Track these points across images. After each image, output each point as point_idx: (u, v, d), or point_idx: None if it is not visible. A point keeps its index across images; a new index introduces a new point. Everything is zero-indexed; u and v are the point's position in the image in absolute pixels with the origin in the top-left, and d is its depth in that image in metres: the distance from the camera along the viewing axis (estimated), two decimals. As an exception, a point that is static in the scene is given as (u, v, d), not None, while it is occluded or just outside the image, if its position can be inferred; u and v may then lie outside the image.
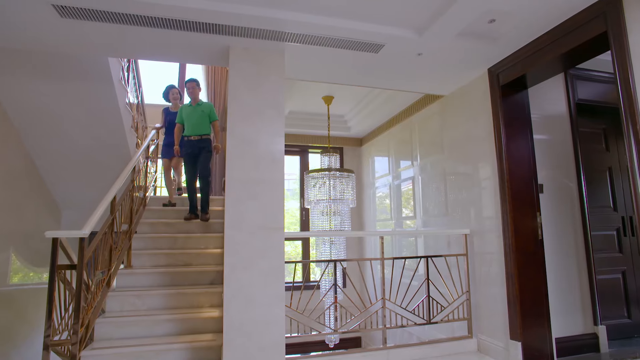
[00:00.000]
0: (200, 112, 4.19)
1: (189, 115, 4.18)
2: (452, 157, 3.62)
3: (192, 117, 4.16)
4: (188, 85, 4.18)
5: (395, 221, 4.85)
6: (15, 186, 3.54)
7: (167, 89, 4.72)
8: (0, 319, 3.34)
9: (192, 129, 4.14)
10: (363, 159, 5.86)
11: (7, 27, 2.40)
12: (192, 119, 4.16)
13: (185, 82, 4.19)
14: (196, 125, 4.14)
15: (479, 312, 3.17)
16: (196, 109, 4.19)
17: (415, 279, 3.26)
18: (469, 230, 3.26)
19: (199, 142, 4.14)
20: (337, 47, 2.70)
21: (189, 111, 4.19)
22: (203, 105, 4.24)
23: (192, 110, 4.18)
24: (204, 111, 4.20)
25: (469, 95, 3.38)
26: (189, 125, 4.17)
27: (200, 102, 4.25)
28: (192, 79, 4.24)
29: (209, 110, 4.23)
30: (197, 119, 4.16)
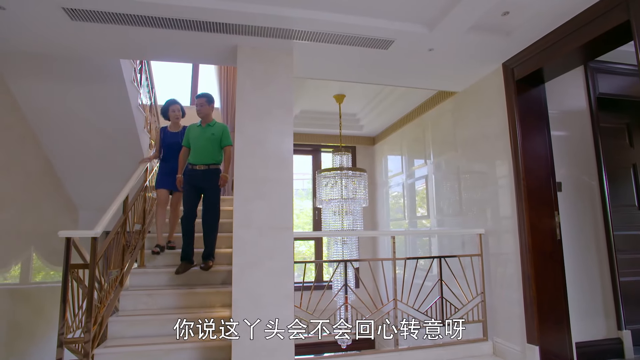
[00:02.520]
0: (210, 136, 3.40)
1: (196, 138, 3.42)
2: (466, 156, 3.53)
3: (199, 141, 3.40)
4: (197, 102, 3.45)
5: (408, 221, 4.77)
6: (34, 187, 3.64)
7: (167, 105, 3.82)
8: (21, 315, 3.44)
9: (197, 156, 3.38)
10: (376, 157, 5.79)
11: (19, 31, 2.46)
12: (199, 143, 3.39)
13: (196, 97, 3.53)
14: (203, 150, 3.38)
15: (494, 314, 3.08)
16: (205, 130, 3.43)
17: (428, 280, 3.19)
18: (483, 230, 3.17)
19: (206, 173, 3.37)
20: (345, 44, 2.66)
21: (196, 133, 3.45)
22: (215, 127, 3.46)
23: (201, 132, 3.43)
24: (215, 134, 3.42)
25: (482, 91, 3.29)
26: (195, 151, 3.41)
27: (212, 123, 3.49)
28: (202, 94, 3.50)
29: (221, 133, 3.44)
30: (205, 144, 3.39)
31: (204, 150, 3.39)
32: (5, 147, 3.20)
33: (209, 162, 3.40)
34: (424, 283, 3.12)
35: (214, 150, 3.43)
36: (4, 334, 3.23)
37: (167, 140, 3.75)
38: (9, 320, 3.30)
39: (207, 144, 3.40)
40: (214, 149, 3.43)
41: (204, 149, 3.39)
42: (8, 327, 3.27)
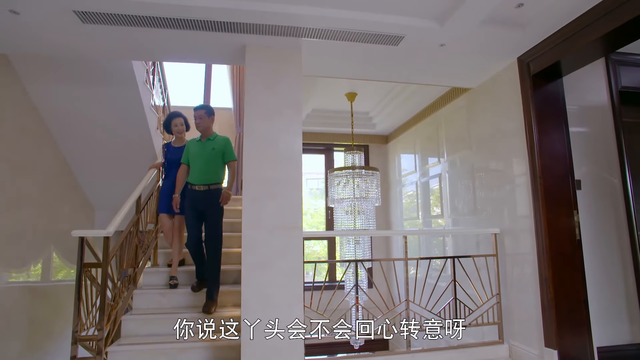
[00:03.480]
0: (210, 151, 3.10)
1: (196, 155, 3.14)
2: (480, 153, 3.44)
3: (198, 158, 3.11)
4: (195, 114, 3.16)
5: (423, 220, 4.69)
6: (52, 187, 3.73)
7: (169, 118, 3.54)
8: (40, 313, 3.54)
9: (197, 175, 3.09)
10: (389, 156, 5.72)
11: (32, 35, 2.51)
12: (199, 161, 3.11)
13: (194, 109, 3.21)
14: (203, 169, 3.09)
15: (510, 316, 2.99)
16: (205, 146, 3.13)
17: (442, 280, 3.12)
18: (498, 229, 3.08)
19: (206, 195, 3.07)
20: (354, 41, 2.62)
21: (196, 149, 3.17)
22: (215, 141, 3.15)
23: (200, 148, 3.14)
24: (216, 149, 3.12)
25: (497, 87, 3.19)
26: (195, 169, 3.12)
27: (213, 137, 3.18)
28: (201, 106, 3.19)
29: (223, 147, 3.15)
30: (205, 161, 3.10)
31: (204, 168, 3.10)
32: (23, 149, 3.29)
33: (210, 181, 3.10)
34: (437, 284, 3.06)
35: (215, 168, 3.14)
36: (24, 330, 3.32)
37: (171, 156, 3.46)
38: (29, 317, 3.39)
39: (208, 161, 3.11)
40: (215, 166, 3.14)
41: (204, 167, 3.10)
42: (28, 323, 3.37)
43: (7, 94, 3.12)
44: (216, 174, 3.15)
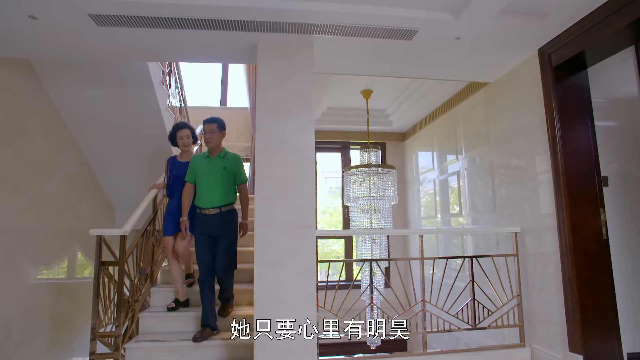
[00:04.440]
0: (221, 170, 2.83)
1: (204, 173, 2.83)
2: (499, 150, 3.33)
3: (208, 178, 2.82)
4: (205, 128, 2.86)
5: (441, 219, 4.59)
6: (74, 188, 3.85)
7: (174, 130, 3.17)
8: (64, 309, 3.66)
9: (206, 197, 2.79)
10: (406, 154, 5.63)
11: (49, 40, 2.59)
12: (208, 180, 2.81)
13: (204, 122, 2.91)
14: (214, 189, 2.79)
15: (532, 318, 2.88)
16: (215, 163, 2.85)
17: (460, 281, 3.03)
18: (519, 228, 2.97)
19: (220, 218, 2.79)
20: (366, 36, 2.57)
21: (204, 167, 2.84)
22: (226, 159, 2.88)
23: (209, 165, 2.84)
24: (228, 168, 2.84)
25: (517, 80, 3.07)
26: (203, 190, 2.80)
27: (223, 154, 2.89)
28: (212, 119, 2.88)
29: (234, 166, 2.87)
30: (216, 181, 2.81)
31: (216, 189, 2.79)
32: (46, 151, 3.41)
33: (222, 203, 2.79)
34: (455, 284, 2.97)
35: (226, 188, 2.83)
36: (48, 325, 3.44)
37: (177, 172, 3.08)
38: (53, 312, 3.51)
39: (219, 181, 2.81)
40: (227, 186, 2.83)
41: (216, 188, 2.79)
42: (52, 318, 3.48)
43: (31, 98, 3.23)
44: (228, 194, 2.85)
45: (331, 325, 2.71)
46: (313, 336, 2.49)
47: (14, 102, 3.05)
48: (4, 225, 2.98)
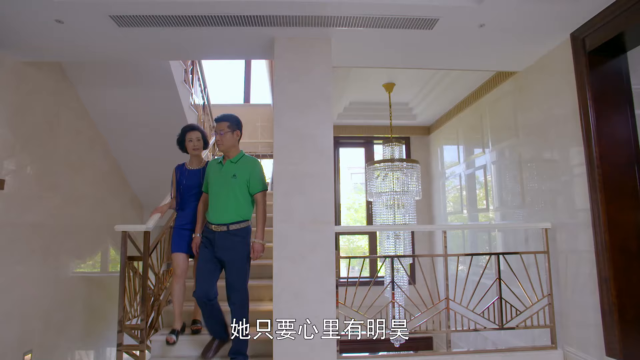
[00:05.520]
0: (230, 178, 2.41)
1: (214, 182, 2.49)
2: (529, 142, 3.16)
3: (216, 187, 2.45)
4: (216, 128, 2.51)
5: (468, 214, 4.44)
6: (104, 186, 4.00)
7: (183, 133, 2.82)
8: (98, 301, 3.82)
9: (214, 210, 2.42)
10: (431, 148, 5.48)
11: (73, 42, 2.68)
12: (217, 191, 2.44)
13: (215, 120, 2.56)
14: (221, 202, 2.41)
15: (565, 319, 2.73)
16: (225, 170, 2.45)
17: (486, 278, 2.92)
18: (549, 224, 2.81)
19: (225, 238, 2.39)
20: (385, 27, 2.50)
21: (214, 174, 2.51)
22: (239, 164, 2.47)
23: (219, 172, 2.47)
24: (238, 176, 2.42)
25: (547, 68, 2.90)
26: (212, 202, 2.47)
27: (236, 158, 2.49)
28: (223, 117, 2.50)
29: (247, 173, 2.45)
30: (224, 191, 2.41)
31: (224, 201, 2.39)
32: (77, 150, 3.55)
33: (230, 219, 2.38)
34: (481, 282, 2.86)
35: (238, 201, 2.40)
36: (82, 316, 3.61)
37: (186, 181, 2.75)
38: (88, 304, 3.68)
39: (227, 192, 2.39)
40: (237, 198, 2.41)
41: (223, 200, 2.40)
42: (86, 309, 3.65)
43: (62, 99, 3.37)
44: (239, 209, 2.41)
45: (352, 322, 2.69)
46: (333, 333, 2.47)
47: (47, 104, 3.20)
48: (42, 221, 3.14)
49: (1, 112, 2.72)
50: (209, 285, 2.43)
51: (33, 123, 3.04)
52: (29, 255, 3.00)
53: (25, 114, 2.94)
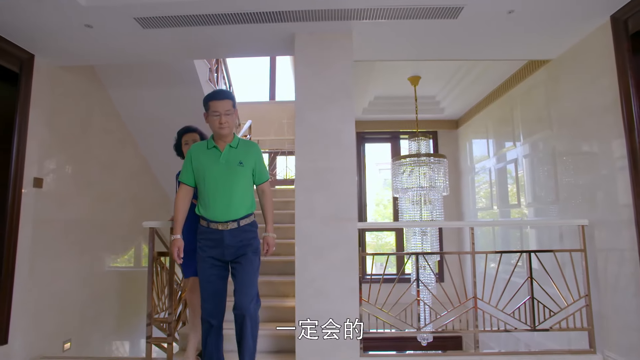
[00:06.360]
0: (237, 166, 2.06)
1: (212, 171, 2.05)
2: (563, 134, 2.99)
3: (218, 177, 2.04)
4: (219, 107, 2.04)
5: (499, 210, 4.27)
6: (134, 184, 4.15)
7: (179, 135, 2.56)
8: (130, 295, 3.98)
9: (218, 205, 2.03)
10: (460, 142, 5.31)
11: (102, 45, 2.77)
12: (219, 181, 2.04)
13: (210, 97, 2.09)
14: (227, 195, 2.03)
15: (604, 322, 2.56)
16: (227, 157, 2.07)
17: (517, 277, 2.79)
18: (587, 220, 2.65)
19: (238, 235, 2.05)
20: (407, 17, 2.43)
21: (210, 161, 2.07)
22: (240, 150, 2.11)
23: (218, 159, 2.06)
24: (245, 163, 2.08)
25: (584, 55, 2.72)
26: (213, 196, 2.03)
27: (235, 142, 2.12)
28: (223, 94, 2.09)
29: (254, 160, 2.13)
30: (230, 182, 2.04)
31: (231, 194, 2.03)
32: (108, 149, 3.70)
33: (240, 214, 2.05)
34: (512, 280, 2.74)
35: (245, 193, 2.08)
36: (116, 309, 3.77)
37: None
38: (121, 298, 3.84)
39: (234, 182, 2.04)
40: (245, 189, 2.08)
41: (231, 193, 2.03)
42: (119, 303, 3.81)
43: (94, 100, 3.52)
44: (247, 201, 2.10)
45: (376, 320, 2.65)
46: (355, 330, 2.45)
47: (81, 106, 3.34)
48: (78, 217, 3.29)
49: (40, 115, 2.87)
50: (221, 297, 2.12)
51: (67, 124, 3.19)
52: (66, 251, 3.16)
53: (60, 115, 3.09)
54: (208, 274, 2.09)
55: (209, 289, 2.09)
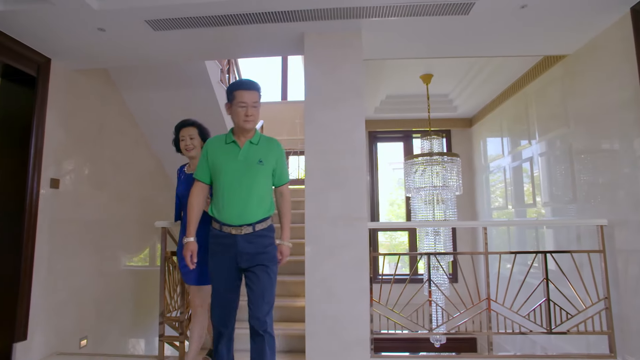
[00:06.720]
0: (256, 165, 1.88)
1: (229, 168, 1.88)
2: (581, 132, 2.90)
3: (235, 175, 1.87)
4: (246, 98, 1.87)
5: (515, 210, 4.18)
6: (148, 184, 4.21)
7: (177, 130, 2.39)
8: (144, 293, 4.04)
9: (234, 207, 1.85)
10: (474, 140, 5.22)
11: (114, 48, 2.82)
12: (236, 180, 1.86)
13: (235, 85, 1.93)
14: (244, 196, 1.85)
15: (625, 326, 2.48)
16: (246, 153, 1.90)
17: (533, 278, 2.72)
18: (606, 220, 2.56)
19: (253, 241, 1.87)
20: (417, 15, 2.40)
21: (227, 158, 1.90)
22: (262, 146, 1.95)
23: (236, 156, 1.89)
24: (265, 162, 1.91)
25: (602, 49, 2.64)
26: (228, 196, 1.86)
27: (256, 139, 1.95)
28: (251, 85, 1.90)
29: (275, 159, 1.95)
30: (248, 181, 1.87)
31: (248, 195, 1.85)
32: (122, 150, 3.76)
33: (257, 218, 1.88)
34: (527, 282, 2.68)
35: (264, 194, 1.91)
36: (131, 307, 3.84)
37: (180, 189, 2.35)
38: (135, 296, 3.90)
39: (251, 181, 1.87)
40: (264, 190, 1.91)
41: (248, 193, 1.85)
42: (134, 301, 3.88)
43: (108, 102, 3.58)
44: (263, 204, 1.90)
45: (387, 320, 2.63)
46: (365, 330, 2.43)
47: (95, 108, 3.41)
48: (93, 217, 3.36)
49: (56, 117, 2.94)
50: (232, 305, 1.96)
51: (83, 126, 3.26)
52: (82, 250, 3.22)
53: (75, 118, 3.16)
54: (219, 282, 1.91)
55: (221, 298, 1.92)
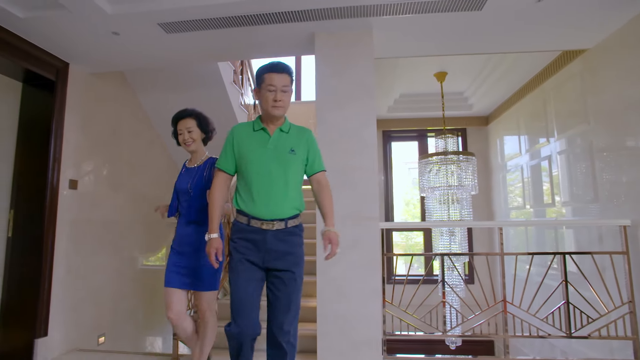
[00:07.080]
0: (288, 154, 1.73)
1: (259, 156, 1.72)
2: (602, 129, 2.80)
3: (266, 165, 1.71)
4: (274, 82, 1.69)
5: (533, 209, 4.07)
6: (162, 185, 4.27)
7: (174, 122, 2.21)
8: (162, 292, 4.10)
9: (264, 199, 1.69)
10: (490, 139, 5.11)
11: (128, 51, 2.87)
12: (266, 170, 1.70)
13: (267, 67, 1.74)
14: (276, 188, 1.70)
15: (650, 330, 2.38)
16: (277, 142, 1.75)
17: (552, 280, 2.64)
18: (629, 221, 2.46)
19: (284, 238, 1.71)
20: (429, 11, 2.36)
21: (257, 146, 1.74)
22: (293, 134, 1.80)
23: (267, 144, 1.74)
24: (297, 151, 1.76)
25: (624, 42, 2.54)
26: (257, 187, 1.70)
27: (286, 127, 1.80)
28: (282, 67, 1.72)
29: (307, 148, 1.80)
30: (280, 172, 1.71)
31: (277, 185, 1.70)
32: (137, 151, 3.84)
33: (288, 212, 1.72)
34: (545, 284, 2.60)
35: (295, 186, 1.76)
36: (148, 305, 3.91)
37: (179, 184, 2.17)
38: (152, 295, 3.97)
39: (282, 172, 1.71)
40: (295, 182, 1.76)
41: (280, 185, 1.70)
42: (150, 300, 3.95)
43: (125, 105, 3.66)
44: (295, 198, 1.75)
45: (400, 321, 2.59)
46: (378, 331, 2.40)
47: (112, 111, 3.49)
48: (109, 217, 3.44)
49: (75, 120, 3.02)
50: (254, 304, 1.70)
51: (100, 128, 3.34)
52: (100, 249, 3.30)
53: (93, 120, 3.24)
54: (242, 281, 1.68)
55: (243, 300, 1.67)
